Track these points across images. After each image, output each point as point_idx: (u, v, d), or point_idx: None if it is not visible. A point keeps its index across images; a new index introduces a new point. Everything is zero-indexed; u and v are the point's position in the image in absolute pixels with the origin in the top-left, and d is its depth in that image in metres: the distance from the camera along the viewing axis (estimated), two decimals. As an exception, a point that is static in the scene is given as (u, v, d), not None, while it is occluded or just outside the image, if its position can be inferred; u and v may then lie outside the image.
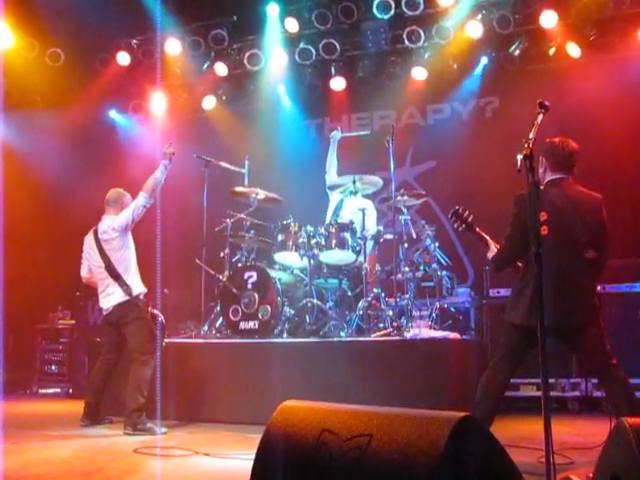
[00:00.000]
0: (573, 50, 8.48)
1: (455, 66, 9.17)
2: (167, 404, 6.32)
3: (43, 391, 9.06)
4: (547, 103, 3.59)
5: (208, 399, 6.39)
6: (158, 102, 10.24)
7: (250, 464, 3.87)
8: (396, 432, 2.59)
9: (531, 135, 3.39)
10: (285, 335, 6.64)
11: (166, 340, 6.35)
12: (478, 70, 9.19)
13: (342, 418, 2.79)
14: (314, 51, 9.32)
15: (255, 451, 2.69)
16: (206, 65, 9.86)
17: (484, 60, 9.11)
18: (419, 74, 9.29)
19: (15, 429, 5.72)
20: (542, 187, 4.33)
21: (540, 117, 3.53)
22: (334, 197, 7.73)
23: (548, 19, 8.26)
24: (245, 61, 9.55)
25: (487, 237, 4.69)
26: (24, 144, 9.83)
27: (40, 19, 9.22)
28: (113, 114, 10.78)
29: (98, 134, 10.52)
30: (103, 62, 10.03)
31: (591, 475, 2.82)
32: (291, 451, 2.74)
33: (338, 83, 9.65)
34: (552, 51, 8.61)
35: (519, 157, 3.30)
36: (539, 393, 6.43)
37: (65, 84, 10.32)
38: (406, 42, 8.99)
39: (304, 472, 2.66)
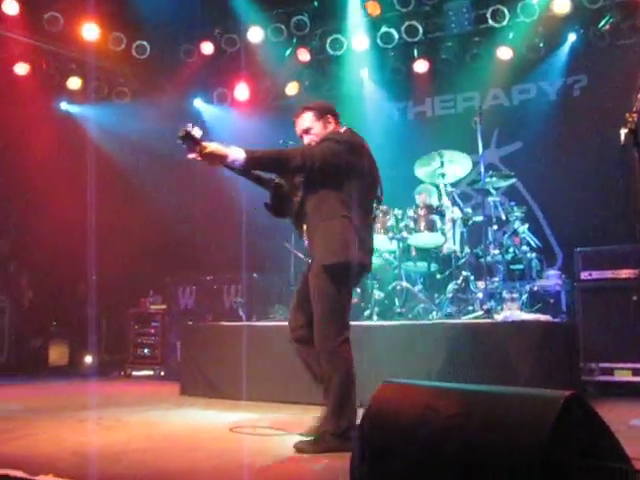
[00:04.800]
0: (668, 22, 8.18)
1: (541, 44, 8.95)
2: (257, 386, 6.45)
3: (136, 373, 9.35)
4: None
5: (298, 381, 6.43)
6: (242, 90, 10.39)
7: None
8: (497, 410, 2.57)
9: (635, 108, 3.29)
10: (375, 318, 6.67)
11: (255, 323, 6.44)
12: (565, 48, 8.94)
13: (443, 396, 2.79)
14: (396, 34, 9.26)
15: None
16: (288, 52, 9.91)
17: (572, 37, 8.86)
18: (504, 54, 9.11)
19: (115, 407, 5.94)
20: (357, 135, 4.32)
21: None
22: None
23: (641, -9, 8.00)
24: (327, 46, 9.55)
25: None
26: (113, 136, 10.14)
27: (126, 13, 9.46)
28: (198, 103, 10.98)
29: (184, 124, 10.72)
30: (187, 53, 10.20)
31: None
32: (392, 429, 2.75)
33: (421, 66, 9.57)
34: (645, 24, 8.32)
35: (623, 131, 3.22)
36: (636, 378, 6.29)
37: (151, 76, 10.61)
38: (490, 22, 8.80)
39: (406, 450, 2.68)
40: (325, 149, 4.08)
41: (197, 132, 3.90)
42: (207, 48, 10.05)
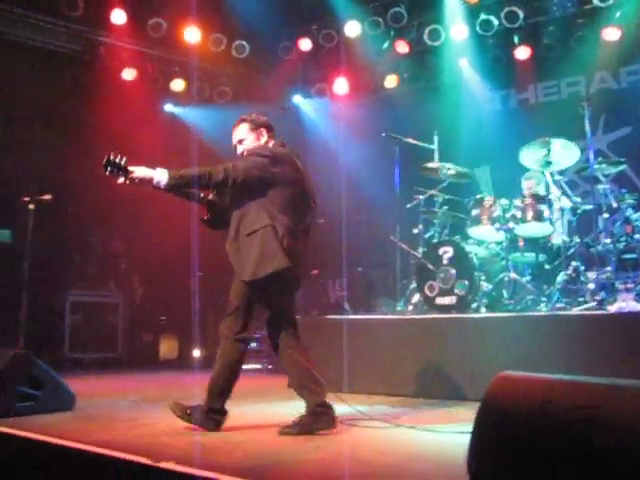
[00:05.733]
0: None
1: (652, 21, 8.58)
2: (362, 378, 6.48)
3: (244, 367, 9.51)
4: None
5: (406, 374, 6.43)
6: (341, 84, 10.45)
7: (455, 437, 3.88)
8: (626, 404, 2.47)
9: None
10: (483, 310, 6.59)
11: (360, 316, 6.48)
12: (680, 23, 8.55)
13: (565, 389, 2.70)
14: (496, 21, 9.10)
15: (456, 424, 2.67)
16: (386, 44, 9.90)
17: (687, 11, 8.45)
18: (610, 35, 8.78)
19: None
20: (285, 147, 4.59)
21: None
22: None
23: None
24: (425, 37, 9.48)
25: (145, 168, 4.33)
26: (216, 135, 10.35)
27: (225, 14, 9.67)
28: (297, 99, 11.11)
29: (283, 120, 10.87)
30: (285, 50, 10.36)
31: None
32: (510, 423, 2.69)
33: (522, 52, 9.37)
34: None
35: None
36: None
37: (251, 74, 10.80)
38: (595, 1, 8.51)
39: (525, 445, 2.62)
40: (248, 163, 4.33)
41: (120, 159, 4.19)
42: (305, 44, 10.16)
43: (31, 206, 6.72)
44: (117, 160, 4.18)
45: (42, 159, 9.36)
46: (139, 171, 4.25)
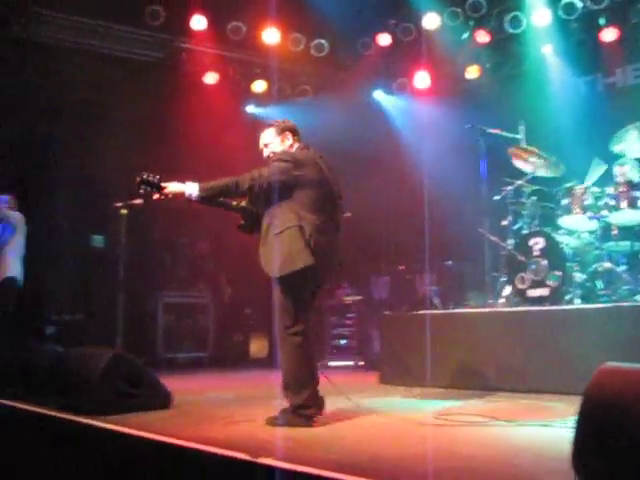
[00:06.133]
0: None
1: None
2: (457, 373, 6.41)
3: (333, 364, 9.56)
4: None
5: (498, 368, 6.34)
6: (422, 78, 10.37)
7: (556, 431, 3.79)
8: None
9: None
10: (577, 301, 6.43)
11: (451, 310, 6.43)
12: None
13: (674, 381, 2.62)
14: (580, 3, 8.86)
15: (555, 419, 2.60)
16: (466, 35, 9.77)
17: None
18: None
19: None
20: (309, 150, 4.77)
21: None
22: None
23: None
24: (506, 25, 9.31)
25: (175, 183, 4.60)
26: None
27: (303, 14, 9.75)
28: (378, 95, 11.07)
29: (365, 117, 10.85)
30: (364, 45, 10.39)
31: None
32: (617, 416, 2.62)
33: (609, 34, 9.05)
34: None
35: None
36: None
37: (331, 71, 10.86)
38: (687, -27, 8.17)
39: (633, 438, 2.54)
40: (273, 169, 4.57)
41: (154, 177, 4.50)
42: (384, 39, 10.16)
43: (124, 211, 6.91)
44: (150, 178, 4.50)
45: (130, 165, 9.62)
46: (171, 186, 4.55)
